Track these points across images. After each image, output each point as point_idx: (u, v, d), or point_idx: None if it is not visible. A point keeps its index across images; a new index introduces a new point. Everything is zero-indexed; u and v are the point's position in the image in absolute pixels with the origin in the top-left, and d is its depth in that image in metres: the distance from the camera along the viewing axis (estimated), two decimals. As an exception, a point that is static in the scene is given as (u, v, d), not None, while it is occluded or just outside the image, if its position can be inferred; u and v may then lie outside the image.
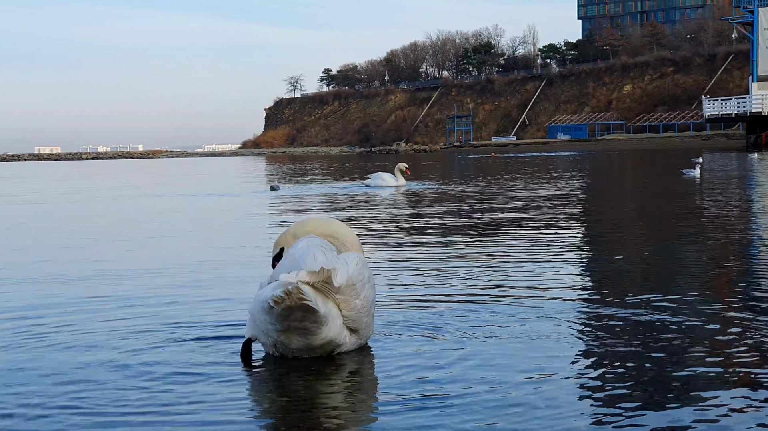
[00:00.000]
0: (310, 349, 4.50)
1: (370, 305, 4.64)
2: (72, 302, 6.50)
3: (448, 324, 5.34)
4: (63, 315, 5.95)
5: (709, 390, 3.87)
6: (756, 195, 17.19)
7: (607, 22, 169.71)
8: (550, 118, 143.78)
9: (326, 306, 4.38)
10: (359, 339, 4.67)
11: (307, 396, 4.00)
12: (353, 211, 15.52)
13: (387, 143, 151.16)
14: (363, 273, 4.56)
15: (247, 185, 29.19)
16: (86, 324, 5.61)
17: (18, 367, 4.55)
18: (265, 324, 4.44)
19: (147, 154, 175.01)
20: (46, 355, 4.80)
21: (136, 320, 5.67)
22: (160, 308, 6.12)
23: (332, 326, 4.44)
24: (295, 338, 4.45)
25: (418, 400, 3.82)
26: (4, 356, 4.82)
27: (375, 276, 5.24)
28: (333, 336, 4.47)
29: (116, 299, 6.54)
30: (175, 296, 6.60)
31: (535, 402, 3.75)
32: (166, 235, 12.16)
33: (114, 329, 5.43)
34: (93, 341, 5.11)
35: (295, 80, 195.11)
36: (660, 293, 6.26)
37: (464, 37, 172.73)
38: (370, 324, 4.73)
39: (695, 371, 4.18)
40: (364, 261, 4.65)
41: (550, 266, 7.73)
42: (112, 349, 4.88)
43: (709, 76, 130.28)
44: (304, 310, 4.27)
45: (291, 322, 4.36)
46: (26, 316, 5.94)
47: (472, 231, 11.13)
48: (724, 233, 10.12)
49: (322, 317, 4.34)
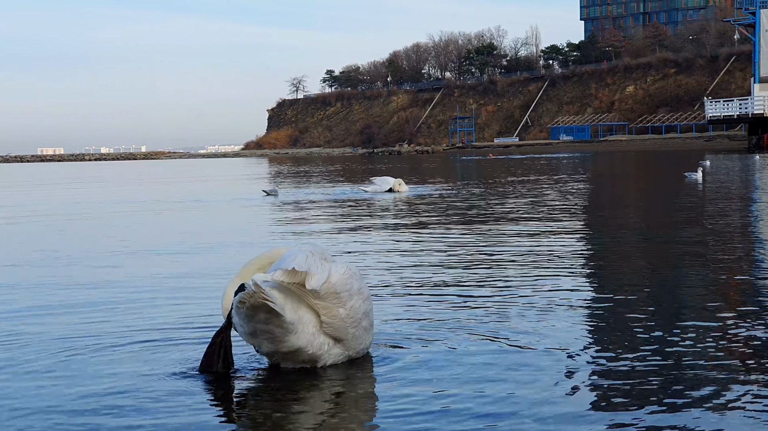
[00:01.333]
0: (283, 356, 4.51)
1: (360, 317, 4.59)
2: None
3: (443, 332, 5.41)
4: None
5: (712, 402, 3.90)
6: (759, 197, 17.22)
7: (610, 23, 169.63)
8: (553, 119, 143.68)
9: (297, 313, 4.35)
10: (345, 350, 4.63)
11: (296, 405, 4.06)
12: (350, 221, 15.57)
13: (390, 144, 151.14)
14: (351, 283, 4.52)
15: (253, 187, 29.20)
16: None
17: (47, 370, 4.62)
18: (238, 327, 4.48)
19: (150, 155, 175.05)
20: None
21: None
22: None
23: (302, 334, 4.40)
24: (264, 343, 4.44)
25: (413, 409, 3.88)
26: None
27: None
28: (302, 345, 4.43)
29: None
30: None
31: (530, 410, 3.80)
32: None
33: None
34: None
35: (298, 81, 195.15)
36: (661, 297, 6.31)
37: (467, 38, 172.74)
38: (361, 336, 4.68)
39: (699, 380, 4.20)
40: (353, 272, 4.60)
41: (549, 272, 7.78)
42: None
43: (711, 78, 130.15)
44: (267, 311, 4.25)
45: (256, 324, 4.34)
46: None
47: (466, 238, 11.18)
48: (728, 239, 10.17)
49: (288, 322, 4.31)
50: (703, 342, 5.05)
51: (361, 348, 4.78)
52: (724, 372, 4.39)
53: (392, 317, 5.96)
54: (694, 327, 5.46)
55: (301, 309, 4.39)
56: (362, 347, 4.78)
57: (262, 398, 4.27)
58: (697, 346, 4.96)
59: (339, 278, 4.46)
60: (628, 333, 5.35)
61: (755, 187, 21.36)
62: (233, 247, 10.73)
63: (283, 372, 4.61)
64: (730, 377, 4.31)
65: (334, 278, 4.44)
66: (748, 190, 20.20)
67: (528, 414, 3.80)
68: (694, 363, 4.59)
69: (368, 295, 4.73)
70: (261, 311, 4.28)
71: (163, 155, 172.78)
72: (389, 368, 4.66)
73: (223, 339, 4.66)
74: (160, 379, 4.55)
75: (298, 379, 4.50)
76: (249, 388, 4.44)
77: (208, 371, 4.64)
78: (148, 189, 30.75)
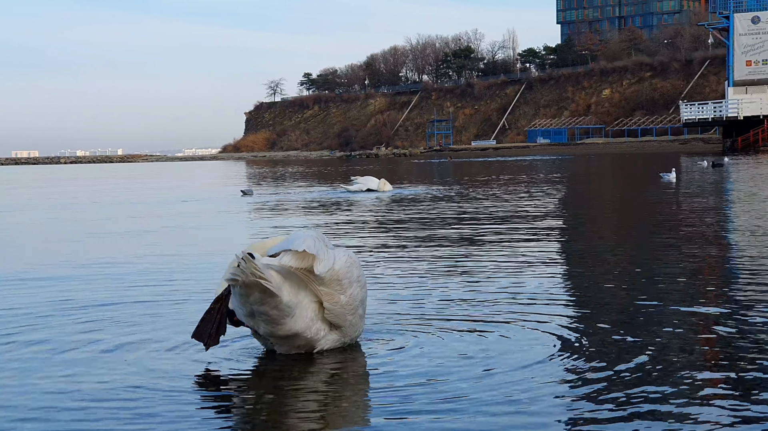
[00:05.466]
0: (280, 340, 4.51)
1: (358, 304, 4.66)
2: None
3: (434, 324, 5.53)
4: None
5: (691, 404, 3.94)
6: (727, 195, 17.50)
7: (586, 27, 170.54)
8: (530, 122, 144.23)
9: (296, 296, 4.34)
10: (342, 337, 4.69)
11: (285, 393, 4.14)
12: (329, 217, 15.65)
13: (367, 147, 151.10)
14: (351, 271, 4.57)
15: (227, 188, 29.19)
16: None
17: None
18: (236, 308, 4.45)
19: (126, 158, 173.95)
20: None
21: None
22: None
23: (300, 318, 4.40)
24: (261, 325, 4.42)
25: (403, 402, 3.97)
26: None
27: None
28: (300, 329, 4.44)
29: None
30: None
31: (522, 399, 3.87)
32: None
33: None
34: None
35: (276, 84, 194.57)
36: (641, 294, 6.47)
37: (444, 41, 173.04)
38: (357, 323, 4.75)
39: (678, 380, 4.24)
40: (354, 261, 4.67)
41: (528, 271, 7.93)
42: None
43: (686, 81, 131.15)
44: (261, 290, 4.21)
45: (252, 305, 4.31)
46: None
47: (443, 242, 11.32)
48: (701, 234, 10.37)
49: (284, 304, 4.30)
50: (677, 335, 5.19)
51: (355, 335, 4.86)
52: (697, 365, 4.54)
53: (380, 305, 6.08)
54: (670, 319, 5.61)
55: (301, 293, 4.40)
56: (357, 334, 4.86)
57: (254, 380, 4.35)
58: (671, 339, 5.11)
59: (342, 265, 4.51)
60: (610, 343, 5.48)
61: (725, 188, 21.68)
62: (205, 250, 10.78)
63: (276, 356, 4.69)
64: (703, 369, 4.44)
65: (338, 264, 4.48)
66: (718, 189, 20.51)
67: (506, 394, 3.91)
68: (668, 358, 4.70)
69: (365, 283, 4.81)
70: (255, 290, 4.25)
71: (140, 158, 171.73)
72: (382, 353, 4.77)
73: (221, 306, 4.60)
74: (148, 361, 4.64)
75: (292, 362, 4.59)
76: (241, 370, 4.52)
77: (199, 339, 4.62)
78: (123, 189, 30.62)
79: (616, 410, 3.69)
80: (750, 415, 3.60)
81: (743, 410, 3.66)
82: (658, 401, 3.78)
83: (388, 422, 3.61)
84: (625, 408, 3.71)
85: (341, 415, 3.80)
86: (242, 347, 4.95)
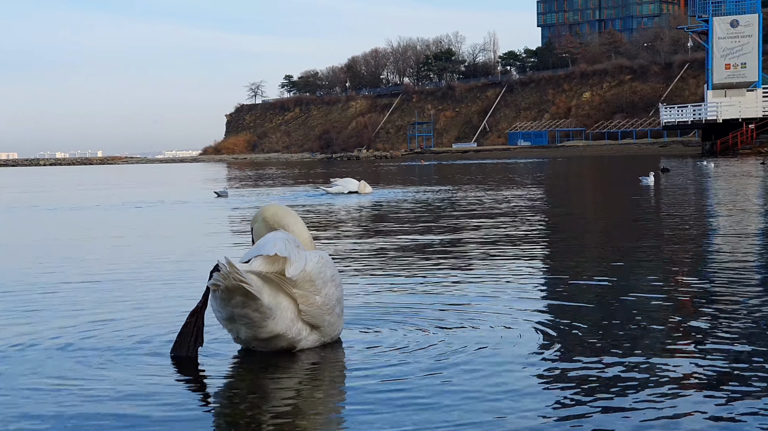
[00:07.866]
0: (262, 342, 4.50)
1: (334, 304, 4.64)
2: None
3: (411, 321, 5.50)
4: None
5: (671, 397, 3.99)
6: (706, 195, 17.64)
7: (566, 29, 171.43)
8: (511, 124, 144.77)
9: (275, 299, 4.35)
10: (321, 337, 4.68)
11: (266, 389, 4.11)
12: (307, 219, 15.61)
13: (348, 150, 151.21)
14: (324, 271, 4.56)
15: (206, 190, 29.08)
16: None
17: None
18: (215, 312, 4.47)
19: (106, 160, 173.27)
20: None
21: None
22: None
23: (280, 320, 4.40)
24: (242, 329, 4.43)
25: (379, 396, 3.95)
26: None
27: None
28: (281, 331, 4.44)
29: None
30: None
31: (502, 396, 3.85)
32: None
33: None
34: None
35: (256, 87, 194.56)
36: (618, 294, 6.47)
37: (425, 43, 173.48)
38: (335, 322, 4.74)
39: (658, 371, 4.29)
40: (327, 260, 4.65)
41: (508, 262, 7.93)
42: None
43: (665, 84, 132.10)
44: (243, 294, 4.23)
45: (233, 308, 4.32)
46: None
47: (423, 242, 11.31)
48: (681, 234, 10.42)
49: (266, 306, 4.31)
50: (654, 333, 5.20)
51: (335, 334, 4.84)
52: (676, 356, 4.54)
53: (360, 302, 6.05)
54: (647, 318, 5.62)
55: (279, 295, 4.40)
56: (336, 333, 4.84)
57: (235, 379, 4.30)
58: (649, 335, 5.11)
59: (314, 266, 4.49)
60: (591, 323, 5.48)
61: (705, 189, 21.83)
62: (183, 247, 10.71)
63: (256, 353, 4.65)
64: (680, 366, 4.45)
65: (309, 266, 4.47)
66: (698, 190, 20.66)
67: (500, 405, 3.89)
68: (648, 356, 4.71)
69: (340, 281, 4.79)
70: (237, 294, 4.26)
71: (120, 160, 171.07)
72: (361, 349, 4.73)
73: (197, 319, 4.61)
74: (130, 362, 4.57)
75: (272, 360, 4.54)
76: (223, 370, 4.46)
77: (179, 353, 4.60)
78: (105, 191, 30.47)
79: (597, 404, 3.68)
80: (731, 405, 3.61)
81: (724, 400, 3.66)
82: (640, 392, 3.78)
83: (368, 418, 3.56)
84: (608, 402, 3.69)
85: (320, 413, 3.75)
86: (219, 346, 4.89)
